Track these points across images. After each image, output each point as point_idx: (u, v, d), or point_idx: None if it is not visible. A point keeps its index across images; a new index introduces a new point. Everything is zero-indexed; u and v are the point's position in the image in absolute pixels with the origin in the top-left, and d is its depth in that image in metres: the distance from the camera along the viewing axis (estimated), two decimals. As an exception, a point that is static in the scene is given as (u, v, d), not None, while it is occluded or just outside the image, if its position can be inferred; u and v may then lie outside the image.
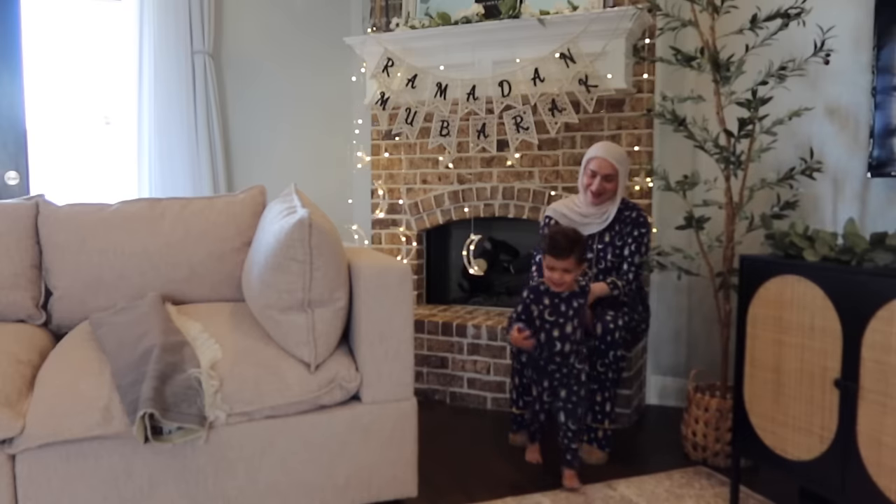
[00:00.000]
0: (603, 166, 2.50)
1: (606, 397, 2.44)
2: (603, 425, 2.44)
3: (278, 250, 1.76)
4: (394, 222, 3.50)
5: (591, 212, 2.58)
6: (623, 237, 2.56)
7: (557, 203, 2.70)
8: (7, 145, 2.92)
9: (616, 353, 2.40)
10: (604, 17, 2.77)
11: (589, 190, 2.53)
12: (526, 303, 2.27)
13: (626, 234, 2.56)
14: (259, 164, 3.60)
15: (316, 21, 3.71)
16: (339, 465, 1.83)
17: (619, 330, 2.39)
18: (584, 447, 2.44)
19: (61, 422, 1.58)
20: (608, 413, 2.44)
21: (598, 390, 2.45)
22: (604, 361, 2.41)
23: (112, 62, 3.23)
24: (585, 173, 2.56)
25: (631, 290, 2.55)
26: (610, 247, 2.57)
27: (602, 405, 2.44)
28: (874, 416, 1.61)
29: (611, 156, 2.51)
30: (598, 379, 2.45)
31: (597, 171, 2.51)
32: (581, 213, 2.60)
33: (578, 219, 2.59)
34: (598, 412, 2.45)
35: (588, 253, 2.55)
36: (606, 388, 2.44)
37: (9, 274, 2.10)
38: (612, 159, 2.50)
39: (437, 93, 3.15)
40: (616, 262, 2.56)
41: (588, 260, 2.55)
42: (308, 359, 1.81)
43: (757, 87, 2.35)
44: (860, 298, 1.63)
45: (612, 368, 2.41)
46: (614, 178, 2.52)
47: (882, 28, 2.28)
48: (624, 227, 2.56)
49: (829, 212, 2.60)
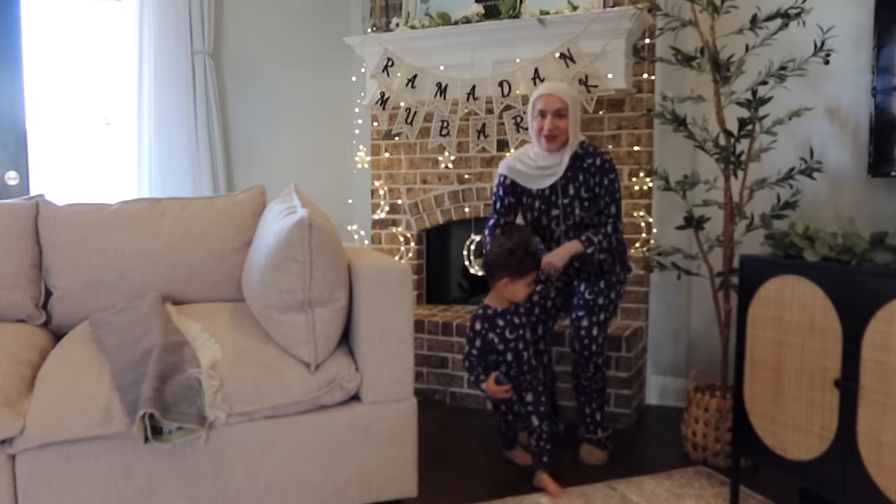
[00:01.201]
0: (551, 102, 2.29)
1: (595, 408, 2.41)
2: (597, 435, 2.42)
3: (278, 250, 1.76)
4: (394, 222, 3.50)
5: (548, 162, 2.34)
6: (591, 188, 2.34)
7: (512, 157, 2.45)
8: (7, 145, 2.92)
9: (597, 363, 2.35)
10: (604, 17, 2.77)
11: (542, 135, 2.31)
12: (481, 334, 2.19)
13: (595, 185, 2.33)
14: (259, 164, 3.60)
15: (316, 21, 3.71)
16: (339, 464, 1.83)
17: (595, 340, 2.33)
18: (585, 447, 2.43)
19: (61, 422, 1.58)
20: (599, 422, 2.42)
21: (585, 403, 2.42)
22: (586, 375, 2.37)
23: (112, 62, 3.23)
24: (534, 117, 2.34)
25: (610, 245, 2.36)
26: (577, 200, 2.35)
27: (592, 416, 2.42)
28: (874, 416, 1.61)
29: (557, 90, 2.30)
30: (583, 392, 2.41)
31: (545, 110, 2.29)
32: (538, 167, 2.36)
33: (536, 172, 2.37)
34: (590, 423, 2.42)
35: (553, 210, 2.38)
36: (593, 399, 2.41)
37: (9, 274, 2.10)
38: (560, 93, 2.29)
39: (437, 93, 3.15)
40: (586, 215, 2.36)
41: (555, 217, 2.39)
42: (308, 359, 1.81)
43: (757, 87, 2.35)
44: (860, 298, 1.63)
45: (595, 379, 2.38)
46: (565, 113, 2.29)
47: (882, 28, 2.28)
48: (591, 177, 2.33)
49: (829, 212, 2.60)
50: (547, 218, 2.41)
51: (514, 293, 2.18)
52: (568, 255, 2.29)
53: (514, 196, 2.45)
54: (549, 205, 2.39)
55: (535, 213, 2.42)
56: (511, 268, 2.14)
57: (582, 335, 2.34)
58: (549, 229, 2.42)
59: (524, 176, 2.40)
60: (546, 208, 2.40)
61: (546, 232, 2.43)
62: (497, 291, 2.20)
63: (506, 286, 2.16)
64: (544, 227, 2.43)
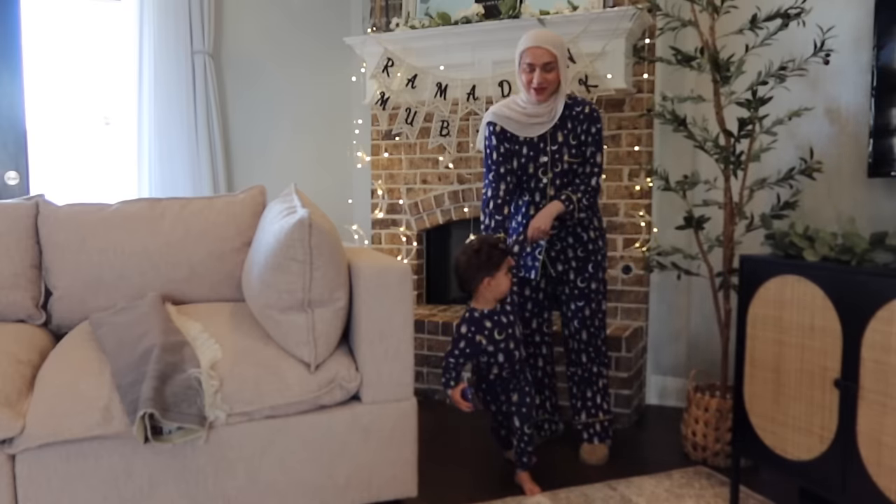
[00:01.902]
0: (538, 55, 2.22)
1: (596, 391, 2.44)
2: (598, 418, 2.43)
3: (278, 250, 1.76)
4: (394, 222, 3.50)
5: (538, 111, 2.30)
6: (578, 136, 2.33)
7: (498, 105, 2.39)
8: (7, 145, 2.92)
9: (598, 345, 2.40)
10: (604, 17, 2.77)
11: (531, 88, 2.26)
12: (468, 337, 2.15)
13: (582, 132, 2.32)
14: (259, 164, 3.60)
15: (316, 21, 3.71)
16: (339, 465, 1.83)
17: (596, 325, 2.38)
18: (585, 447, 2.43)
19: (61, 422, 1.58)
20: (600, 405, 2.44)
21: (585, 387, 2.45)
22: (589, 356, 2.42)
23: (112, 62, 3.23)
24: (521, 69, 2.28)
25: (590, 201, 2.35)
26: (565, 146, 2.33)
27: (593, 399, 2.44)
28: (874, 416, 1.61)
29: (545, 41, 2.23)
30: (583, 378, 2.45)
31: (534, 63, 2.23)
32: (527, 114, 2.31)
33: (525, 119, 2.32)
34: (591, 406, 2.44)
35: (541, 157, 2.34)
36: (594, 381, 2.44)
37: (9, 274, 2.10)
38: (548, 45, 2.23)
39: (437, 93, 3.15)
40: (573, 162, 2.34)
41: (542, 165, 2.34)
42: (308, 359, 1.81)
43: (757, 87, 2.35)
44: (860, 298, 1.63)
45: (598, 361, 2.42)
46: (554, 65, 2.24)
47: (882, 28, 2.28)
48: (578, 125, 2.33)
49: (829, 212, 2.60)
50: (534, 166, 2.35)
51: (499, 287, 2.15)
52: (552, 216, 2.28)
53: (506, 144, 2.36)
54: (536, 152, 2.34)
55: (521, 161, 2.36)
56: (483, 265, 2.12)
57: (587, 324, 2.39)
58: (535, 177, 2.36)
59: (513, 123, 2.33)
60: (534, 155, 2.34)
61: (532, 181, 2.37)
62: (481, 294, 2.16)
63: (488, 285, 2.13)
64: (530, 176, 2.36)
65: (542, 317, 2.54)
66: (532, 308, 2.51)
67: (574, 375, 2.48)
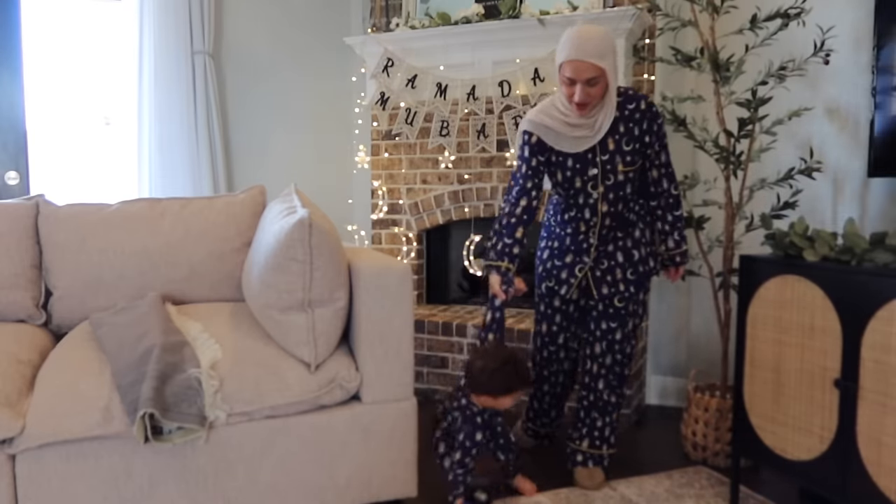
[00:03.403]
0: (581, 70, 1.90)
1: (607, 422, 2.22)
2: (600, 451, 2.23)
3: (278, 250, 1.76)
4: (394, 222, 3.50)
5: (581, 121, 2.01)
6: (635, 138, 2.02)
7: (536, 111, 2.08)
8: (7, 145, 2.92)
9: (624, 374, 2.18)
10: (604, 17, 2.77)
11: (573, 102, 1.97)
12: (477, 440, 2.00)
13: (641, 133, 2.02)
14: (259, 164, 3.60)
15: (316, 21, 3.71)
16: (339, 465, 1.83)
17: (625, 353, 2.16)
18: (581, 471, 2.22)
19: (61, 422, 1.58)
20: (607, 438, 2.23)
21: (597, 416, 2.21)
22: (612, 390, 2.18)
23: (112, 62, 3.23)
24: (562, 80, 1.97)
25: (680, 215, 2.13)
26: (618, 155, 2.03)
27: (602, 431, 2.22)
28: (874, 416, 1.61)
29: (589, 55, 1.89)
30: (593, 405, 2.21)
31: (574, 79, 1.93)
32: (570, 123, 2.02)
33: (566, 130, 2.02)
34: (598, 438, 2.22)
35: (591, 169, 2.05)
36: (608, 412, 2.21)
37: (9, 274, 2.10)
38: (592, 58, 1.89)
39: (437, 93, 3.16)
40: (629, 171, 2.05)
41: (592, 178, 2.06)
42: (308, 359, 1.81)
43: (757, 87, 2.35)
44: (860, 298, 1.63)
45: (615, 391, 2.20)
46: (600, 79, 1.93)
47: (882, 28, 2.28)
48: (635, 126, 2.02)
49: (829, 212, 2.60)
50: (582, 179, 2.06)
51: (498, 405, 2.01)
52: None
53: (543, 155, 2.09)
54: (584, 163, 2.05)
55: (566, 174, 2.08)
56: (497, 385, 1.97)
57: (615, 349, 2.16)
58: (583, 192, 2.08)
59: (552, 134, 2.05)
60: (581, 167, 2.06)
61: (580, 196, 2.10)
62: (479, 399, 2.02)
63: (490, 399, 2.00)
64: (577, 190, 2.09)
65: (570, 330, 2.31)
66: (561, 321, 2.29)
67: (585, 399, 2.23)
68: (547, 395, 2.42)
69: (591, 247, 2.16)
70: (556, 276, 2.22)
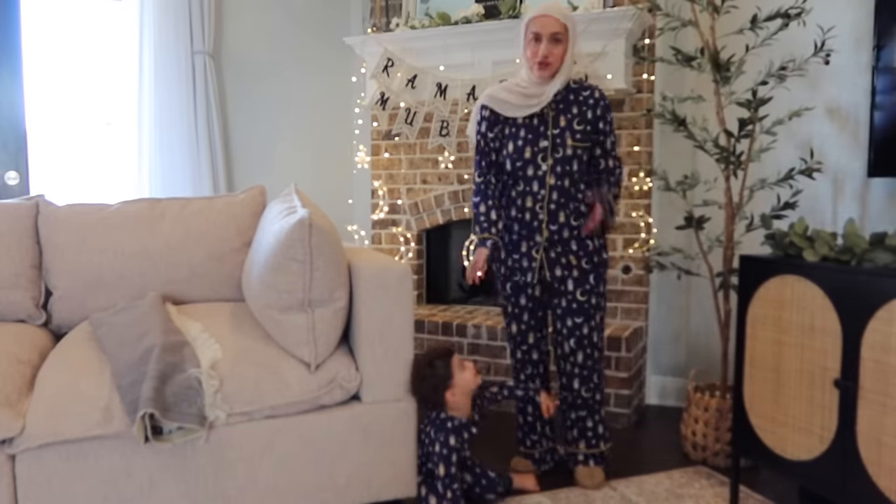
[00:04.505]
0: (546, 24, 2.04)
1: (597, 420, 2.26)
2: (599, 448, 2.27)
3: (278, 250, 1.76)
4: (394, 222, 3.50)
5: (538, 90, 2.11)
6: (587, 121, 2.13)
7: (495, 86, 2.20)
8: (7, 145, 2.92)
9: (600, 370, 2.23)
10: (604, 17, 2.77)
11: (535, 61, 2.07)
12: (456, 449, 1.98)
13: (593, 118, 2.14)
14: (259, 163, 3.60)
15: (316, 21, 3.71)
16: (339, 464, 1.83)
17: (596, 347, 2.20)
18: (581, 469, 2.25)
19: (61, 422, 1.58)
20: (602, 434, 2.27)
21: (586, 416, 2.25)
22: (588, 386, 2.22)
23: (112, 62, 3.23)
24: (527, 41, 2.09)
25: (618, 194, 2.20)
26: (568, 131, 2.13)
27: (594, 429, 2.26)
28: (874, 416, 1.61)
29: (555, 10, 2.06)
30: (574, 404, 2.25)
31: (540, 32, 2.04)
32: (526, 94, 2.12)
33: (522, 101, 2.12)
34: (592, 437, 2.26)
35: (541, 141, 2.13)
36: (595, 410, 2.25)
37: (9, 274, 2.10)
38: (558, 14, 2.05)
39: (437, 93, 3.15)
40: (578, 147, 2.14)
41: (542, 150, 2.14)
42: (308, 359, 1.81)
43: (757, 87, 2.35)
44: (860, 298, 1.63)
45: (593, 387, 2.23)
46: (562, 37, 2.06)
47: (882, 28, 2.28)
48: (588, 110, 2.14)
49: (829, 212, 2.60)
50: (532, 150, 2.14)
51: (466, 386, 2.01)
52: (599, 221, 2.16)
53: (497, 126, 2.20)
54: (536, 135, 2.14)
55: (518, 143, 2.16)
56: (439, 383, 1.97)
57: (584, 344, 2.19)
58: (532, 163, 2.14)
59: (507, 105, 2.15)
60: (533, 138, 2.14)
61: (528, 166, 2.15)
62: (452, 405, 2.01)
63: (454, 395, 1.99)
64: (527, 161, 2.15)
65: (541, 331, 2.31)
66: (529, 320, 2.29)
67: (565, 402, 2.28)
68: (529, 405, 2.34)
69: (542, 223, 2.19)
70: (518, 267, 2.24)
